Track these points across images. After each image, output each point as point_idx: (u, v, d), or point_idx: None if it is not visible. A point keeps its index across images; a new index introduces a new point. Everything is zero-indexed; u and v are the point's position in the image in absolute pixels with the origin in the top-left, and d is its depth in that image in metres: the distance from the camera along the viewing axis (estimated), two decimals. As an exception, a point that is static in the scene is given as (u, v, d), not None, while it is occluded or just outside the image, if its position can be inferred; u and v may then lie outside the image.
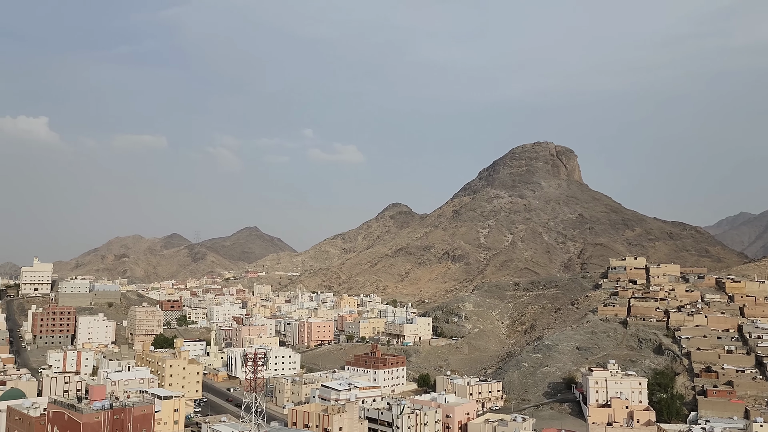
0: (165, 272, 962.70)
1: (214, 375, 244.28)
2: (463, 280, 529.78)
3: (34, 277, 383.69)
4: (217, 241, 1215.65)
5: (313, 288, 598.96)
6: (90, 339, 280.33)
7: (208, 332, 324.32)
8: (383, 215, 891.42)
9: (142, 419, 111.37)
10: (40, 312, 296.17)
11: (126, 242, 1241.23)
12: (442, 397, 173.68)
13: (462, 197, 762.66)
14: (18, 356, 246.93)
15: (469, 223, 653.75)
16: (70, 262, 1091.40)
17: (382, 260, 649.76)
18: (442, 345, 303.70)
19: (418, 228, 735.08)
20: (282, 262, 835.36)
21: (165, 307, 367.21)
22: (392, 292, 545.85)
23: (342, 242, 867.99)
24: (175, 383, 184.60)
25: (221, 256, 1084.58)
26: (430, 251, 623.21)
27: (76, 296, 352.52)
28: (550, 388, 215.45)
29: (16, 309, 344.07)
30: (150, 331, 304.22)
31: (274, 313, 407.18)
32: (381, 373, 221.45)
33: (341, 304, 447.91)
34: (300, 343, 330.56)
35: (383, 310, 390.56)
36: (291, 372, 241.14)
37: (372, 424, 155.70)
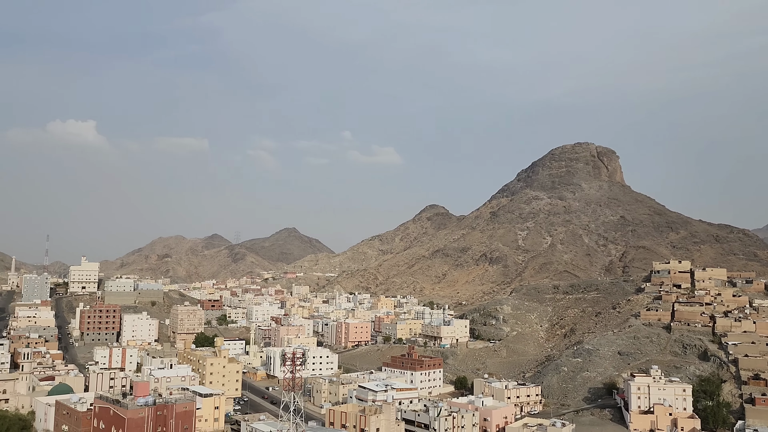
0: (206, 272, 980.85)
1: (253, 374, 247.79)
2: (501, 282, 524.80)
3: (82, 275, 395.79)
4: (257, 241, 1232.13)
5: (350, 289, 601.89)
6: (134, 336, 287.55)
7: (247, 332, 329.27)
8: (420, 217, 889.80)
9: (184, 416, 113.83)
10: (88, 310, 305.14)
11: (169, 242, 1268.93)
12: (479, 400, 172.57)
13: (500, 199, 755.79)
14: (66, 352, 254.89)
15: (507, 225, 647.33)
16: (115, 262, 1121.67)
17: (419, 262, 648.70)
18: (480, 348, 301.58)
19: (455, 229, 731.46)
20: (320, 263, 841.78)
21: (206, 306, 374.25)
22: (429, 294, 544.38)
23: (379, 243, 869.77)
24: (216, 381, 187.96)
25: (260, 257, 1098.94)
26: (468, 253, 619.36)
27: (121, 295, 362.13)
28: (590, 393, 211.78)
29: (65, 307, 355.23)
30: (191, 329, 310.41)
31: (312, 314, 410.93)
32: (418, 374, 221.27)
33: (378, 305, 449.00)
34: (337, 344, 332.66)
35: (420, 312, 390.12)
36: (328, 372, 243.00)
37: (409, 426, 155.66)
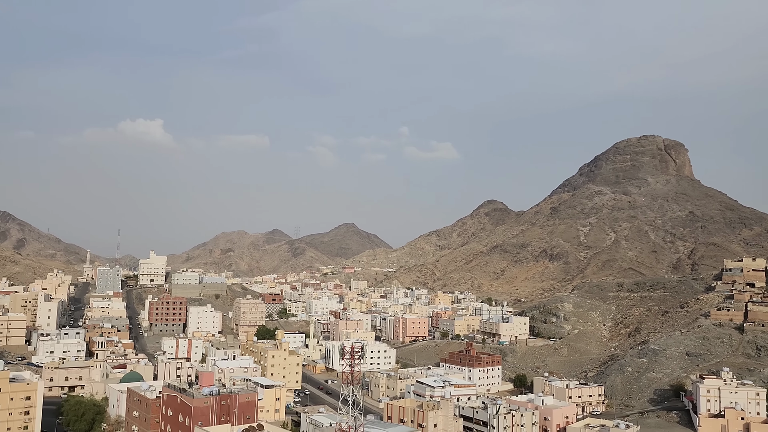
0: (267, 266, 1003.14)
1: (312, 366, 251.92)
2: (562, 279, 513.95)
3: (151, 269, 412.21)
4: (316, 237, 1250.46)
5: (408, 284, 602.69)
6: (199, 328, 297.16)
7: (307, 325, 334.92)
8: (478, 212, 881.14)
9: (247, 406, 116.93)
10: (156, 302, 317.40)
11: (231, 237, 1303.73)
12: (539, 399, 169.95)
13: (561, 194, 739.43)
14: (136, 342, 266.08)
15: (569, 221, 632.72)
16: (181, 256, 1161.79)
17: (477, 257, 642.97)
18: (540, 345, 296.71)
19: (514, 225, 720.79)
20: (378, 258, 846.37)
21: (267, 300, 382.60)
22: (487, 290, 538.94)
23: (437, 239, 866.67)
24: (277, 373, 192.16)
25: (319, 252, 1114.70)
26: (527, 249, 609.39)
27: (187, 288, 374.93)
28: (656, 394, 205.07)
29: (135, 298, 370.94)
30: (253, 322, 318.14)
31: (370, 308, 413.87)
32: (476, 371, 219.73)
33: (436, 301, 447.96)
34: (395, 339, 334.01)
35: (478, 308, 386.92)
36: (386, 367, 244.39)
37: (467, 423, 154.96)
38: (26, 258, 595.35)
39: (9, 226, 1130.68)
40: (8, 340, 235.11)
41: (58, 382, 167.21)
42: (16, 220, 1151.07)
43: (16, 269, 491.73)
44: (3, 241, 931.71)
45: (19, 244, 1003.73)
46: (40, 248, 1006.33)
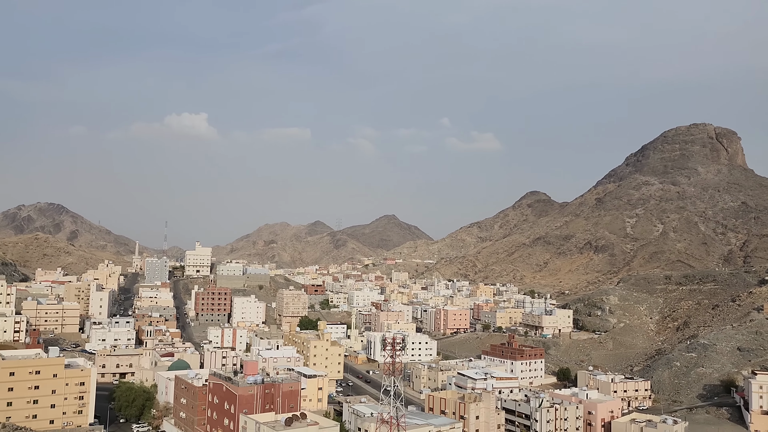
0: (309, 258, 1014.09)
1: (354, 357, 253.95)
2: (607, 271, 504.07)
3: (196, 260, 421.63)
4: (357, 228, 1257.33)
5: (449, 276, 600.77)
6: (243, 318, 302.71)
7: (348, 316, 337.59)
8: (521, 203, 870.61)
9: (290, 395, 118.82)
10: (202, 292, 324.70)
11: (274, 229, 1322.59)
12: (583, 393, 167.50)
13: (606, 184, 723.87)
14: (183, 331, 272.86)
15: (614, 212, 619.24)
16: (225, 247, 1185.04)
17: (519, 249, 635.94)
18: (584, 339, 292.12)
19: (557, 217, 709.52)
20: (419, 250, 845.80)
21: (309, 291, 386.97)
22: (530, 282, 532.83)
23: (478, 231, 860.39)
24: (319, 363, 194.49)
25: (361, 243, 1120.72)
26: (571, 241, 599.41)
27: (231, 278, 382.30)
28: (705, 390, 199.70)
29: (182, 288, 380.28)
30: (296, 313, 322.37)
31: (411, 300, 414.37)
32: (518, 364, 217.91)
33: (477, 293, 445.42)
34: (436, 330, 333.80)
35: (520, 301, 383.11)
36: (427, 358, 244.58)
37: (509, 415, 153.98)
38: (79, 249, 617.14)
39: (63, 218, 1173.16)
40: (63, 328, 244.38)
41: (110, 369, 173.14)
42: (70, 213, 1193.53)
43: (70, 260, 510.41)
44: (57, 233, 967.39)
45: (72, 235, 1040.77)
46: (92, 240, 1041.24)
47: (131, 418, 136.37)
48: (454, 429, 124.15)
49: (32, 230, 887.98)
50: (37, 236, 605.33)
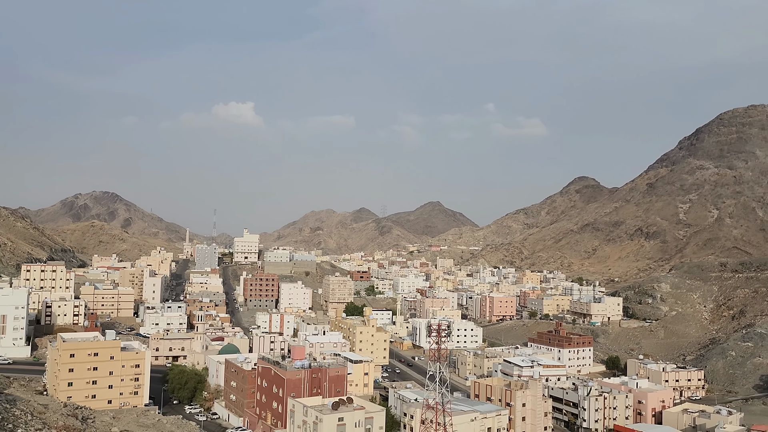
0: (354, 244, 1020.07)
1: (399, 343, 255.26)
2: (659, 259, 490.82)
3: (244, 246, 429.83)
4: (402, 215, 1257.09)
5: (494, 263, 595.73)
6: (290, 304, 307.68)
7: (393, 302, 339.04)
8: (568, 189, 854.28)
9: (336, 380, 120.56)
10: (250, 278, 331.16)
11: (320, 216, 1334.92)
12: (633, 382, 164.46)
13: (658, 169, 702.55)
14: (233, 316, 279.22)
15: (667, 198, 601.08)
16: (272, 234, 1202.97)
17: (566, 236, 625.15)
18: (634, 327, 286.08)
19: (606, 203, 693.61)
20: (464, 237, 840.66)
21: (355, 277, 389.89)
22: (578, 270, 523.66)
23: (524, 217, 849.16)
24: (365, 349, 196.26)
25: (406, 230, 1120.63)
26: (621, 227, 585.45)
27: (278, 265, 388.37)
28: (762, 381, 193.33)
29: (231, 275, 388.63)
30: (342, 299, 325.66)
31: (456, 287, 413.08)
32: (566, 352, 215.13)
33: (523, 280, 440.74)
34: (481, 317, 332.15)
35: (568, 288, 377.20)
36: (473, 345, 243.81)
37: (556, 403, 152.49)
38: (132, 236, 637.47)
39: (117, 206, 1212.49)
40: (119, 312, 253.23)
41: (163, 352, 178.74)
42: (123, 201, 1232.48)
43: (124, 246, 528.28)
44: (112, 221, 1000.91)
45: (126, 223, 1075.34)
46: (145, 227, 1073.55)
47: (184, 399, 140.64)
48: (501, 416, 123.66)
49: (88, 218, 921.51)
50: (93, 224, 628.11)
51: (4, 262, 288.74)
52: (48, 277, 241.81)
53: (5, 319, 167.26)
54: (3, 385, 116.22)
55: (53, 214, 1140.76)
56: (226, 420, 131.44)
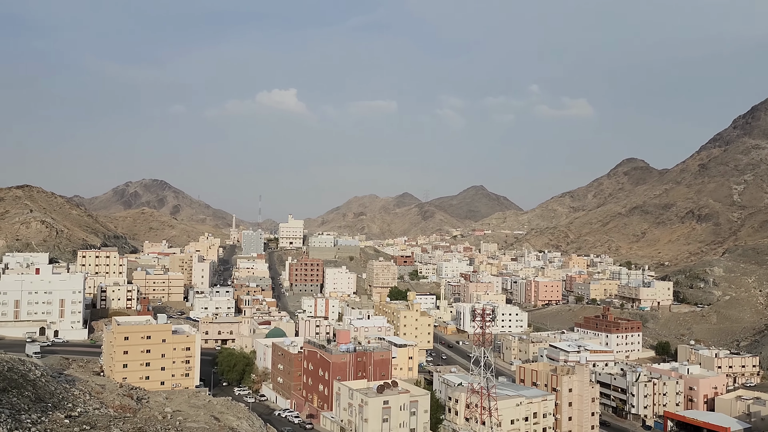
0: (397, 229, 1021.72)
1: (443, 328, 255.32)
2: (711, 242, 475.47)
3: (289, 232, 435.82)
4: (445, 199, 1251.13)
5: (539, 247, 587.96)
6: (335, 288, 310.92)
7: (437, 287, 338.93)
8: (616, 171, 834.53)
9: (381, 363, 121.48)
10: (295, 263, 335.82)
11: (363, 201, 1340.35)
12: (684, 368, 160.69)
13: (711, 149, 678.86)
14: (279, 301, 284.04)
15: (720, 179, 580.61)
16: (316, 219, 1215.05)
17: (614, 219, 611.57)
18: (685, 312, 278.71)
19: (656, 184, 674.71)
20: (508, 221, 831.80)
21: (398, 262, 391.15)
22: (626, 254, 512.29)
23: (570, 200, 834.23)
24: (409, 333, 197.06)
25: (449, 215, 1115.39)
26: (671, 210, 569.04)
27: (323, 250, 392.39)
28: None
29: (276, 260, 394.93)
30: (385, 283, 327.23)
31: (500, 271, 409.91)
32: (614, 337, 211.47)
33: (569, 264, 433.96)
34: (527, 302, 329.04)
35: (616, 272, 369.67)
36: (518, 330, 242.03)
37: (603, 389, 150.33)
38: (181, 222, 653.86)
39: (166, 193, 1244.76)
40: (169, 297, 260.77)
41: (212, 336, 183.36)
42: (172, 188, 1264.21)
43: (173, 233, 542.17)
44: (161, 208, 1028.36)
45: (175, 210, 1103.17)
46: (193, 213, 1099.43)
47: (233, 382, 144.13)
48: (547, 401, 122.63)
49: (139, 205, 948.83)
50: (144, 211, 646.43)
51: (62, 249, 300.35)
52: (102, 263, 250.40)
53: (63, 303, 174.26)
54: (63, 366, 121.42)
55: (105, 201, 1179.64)
56: (274, 402, 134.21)
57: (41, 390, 69.84)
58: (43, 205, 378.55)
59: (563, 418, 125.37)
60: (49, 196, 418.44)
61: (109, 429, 59.42)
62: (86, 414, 66.54)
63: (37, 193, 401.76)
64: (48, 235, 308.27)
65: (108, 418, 66.76)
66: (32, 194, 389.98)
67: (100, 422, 62.02)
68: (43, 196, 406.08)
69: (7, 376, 66.54)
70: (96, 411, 70.52)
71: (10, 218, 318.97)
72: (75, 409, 67.11)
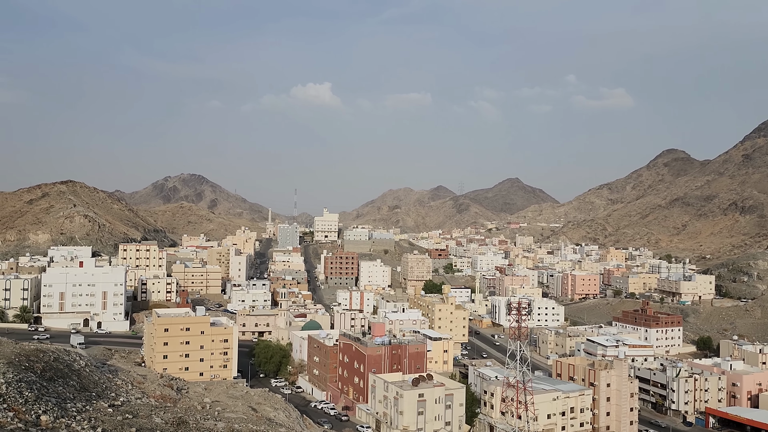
0: (432, 222, 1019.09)
1: (478, 321, 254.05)
2: (756, 234, 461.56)
3: (324, 225, 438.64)
4: (480, 192, 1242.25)
5: (576, 240, 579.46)
6: (370, 281, 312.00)
7: (472, 280, 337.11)
8: (656, 162, 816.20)
9: (416, 356, 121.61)
10: (330, 256, 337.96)
11: (398, 194, 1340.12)
12: (726, 363, 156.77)
13: (755, 139, 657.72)
14: (314, 293, 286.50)
15: (765, 169, 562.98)
16: (351, 213, 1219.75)
17: (654, 211, 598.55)
18: (728, 306, 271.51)
19: (697, 176, 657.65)
20: (544, 213, 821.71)
21: (433, 255, 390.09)
22: (666, 246, 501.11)
23: (608, 192, 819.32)
24: (444, 326, 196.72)
25: (484, 208, 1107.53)
26: (713, 202, 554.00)
27: (358, 243, 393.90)
28: None
29: (311, 253, 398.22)
30: (420, 276, 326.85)
31: (536, 264, 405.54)
32: (653, 332, 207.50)
33: (607, 258, 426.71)
34: (563, 296, 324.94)
35: (655, 265, 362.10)
36: (554, 324, 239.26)
37: (643, 384, 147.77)
38: (218, 216, 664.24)
39: (203, 188, 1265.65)
40: (207, 289, 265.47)
41: (249, 328, 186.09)
42: (209, 183, 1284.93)
43: (211, 227, 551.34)
44: (199, 202, 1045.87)
45: (212, 204, 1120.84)
46: (229, 207, 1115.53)
47: (269, 373, 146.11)
48: (584, 396, 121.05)
49: (177, 199, 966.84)
50: (182, 205, 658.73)
51: (104, 242, 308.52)
52: (143, 256, 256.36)
53: (106, 295, 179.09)
54: (106, 357, 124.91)
55: (145, 196, 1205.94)
56: (310, 393, 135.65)
57: (86, 380, 71.90)
58: (86, 199, 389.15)
59: (601, 413, 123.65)
60: (92, 191, 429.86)
61: (151, 418, 60.88)
62: (128, 403, 68.31)
63: (80, 188, 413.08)
64: (91, 229, 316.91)
65: (149, 407, 68.41)
66: (75, 189, 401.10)
67: (141, 411, 63.60)
68: (85, 191, 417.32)
69: (53, 366, 68.66)
70: (138, 400, 72.35)
71: (54, 213, 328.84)
72: (118, 399, 68.92)
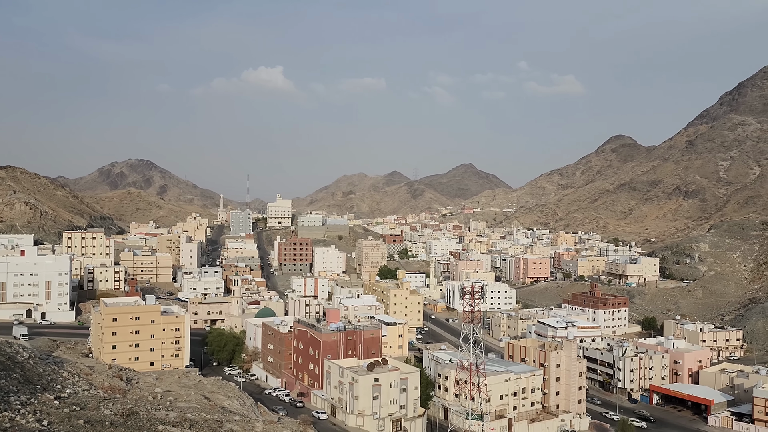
0: (387, 208, 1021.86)
1: (433, 306, 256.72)
2: (698, 218, 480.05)
3: (278, 212, 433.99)
4: (434, 178, 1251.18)
5: (528, 224, 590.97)
6: (324, 267, 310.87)
7: (427, 265, 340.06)
8: (604, 148, 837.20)
9: (371, 341, 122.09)
10: (284, 243, 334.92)
11: (352, 180, 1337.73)
12: (669, 342, 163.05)
13: (698, 126, 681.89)
14: (268, 280, 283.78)
15: (706, 155, 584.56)
16: (305, 199, 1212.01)
17: (602, 196, 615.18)
18: (671, 287, 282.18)
19: (644, 161, 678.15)
20: (497, 199, 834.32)
21: (388, 240, 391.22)
22: (613, 230, 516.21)
23: (559, 178, 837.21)
24: (399, 311, 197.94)
25: (438, 193, 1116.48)
26: (658, 186, 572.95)
27: (312, 229, 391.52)
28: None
29: (265, 239, 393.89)
30: (375, 262, 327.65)
31: (489, 249, 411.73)
32: (601, 313, 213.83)
33: (558, 242, 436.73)
34: (515, 279, 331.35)
35: (603, 249, 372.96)
36: (506, 307, 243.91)
37: (591, 364, 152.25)
38: (168, 203, 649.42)
39: (152, 173, 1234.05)
40: (158, 278, 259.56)
41: (201, 316, 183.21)
42: (158, 168, 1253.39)
43: (160, 213, 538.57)
44: (148, 188, 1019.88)
45: (162, 190, 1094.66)
46: (180, 194, 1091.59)
47: (223, 361, 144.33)
48: (535, 376, 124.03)
49: (125, 186, 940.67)
50: (130, 191, 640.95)
51: (46, 230, 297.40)
52: (89, 244, 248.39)
53: (50, 285, 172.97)
54: (51, 348, 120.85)
55: (91, 182, 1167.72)
56: (265, 381, 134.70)
57: (29, 372, 69.45)
58: (26, 186, 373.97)
59: (551, 393, 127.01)
60: (33, 177, 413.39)
61: (99, 410, 59.20)
62: (76, 395, 66.30)
63: (20, 174, 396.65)
64: (32, 217, 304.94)
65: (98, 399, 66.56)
66: (15, 175, 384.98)
67: (89, 403, 61.78)
68: (26, 177, 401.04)
69: (-6, 359, 66.06)
70: (85, 392, 70.29)
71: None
72: (64, 391, 66.81)
